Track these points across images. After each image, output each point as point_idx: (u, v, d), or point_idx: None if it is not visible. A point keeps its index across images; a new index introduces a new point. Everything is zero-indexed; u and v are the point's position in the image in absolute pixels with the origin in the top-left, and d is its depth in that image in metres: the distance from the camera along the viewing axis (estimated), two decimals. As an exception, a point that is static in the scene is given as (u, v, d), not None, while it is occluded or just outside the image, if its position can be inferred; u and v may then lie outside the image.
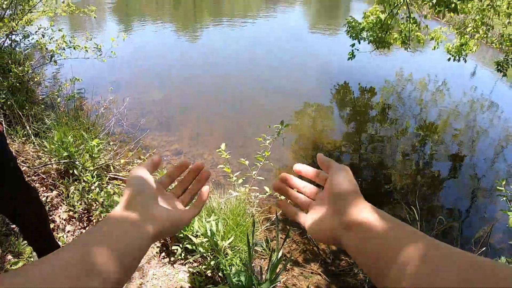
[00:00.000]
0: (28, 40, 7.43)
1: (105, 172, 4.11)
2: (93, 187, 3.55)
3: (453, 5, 5.00)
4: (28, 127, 4.59)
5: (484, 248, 3.92)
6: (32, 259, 2.70)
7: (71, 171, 3.79)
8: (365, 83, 9.85)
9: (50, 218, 3.16)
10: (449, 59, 7.71)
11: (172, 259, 3.10)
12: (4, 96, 5.17)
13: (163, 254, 3.16)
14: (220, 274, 2.86)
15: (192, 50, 12.35)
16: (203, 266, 2.94)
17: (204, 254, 2.95)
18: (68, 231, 3.24)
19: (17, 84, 5.93)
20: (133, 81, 9.23)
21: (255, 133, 4.74)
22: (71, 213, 3.39)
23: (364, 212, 0.54)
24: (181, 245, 3.07)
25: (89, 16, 7.85)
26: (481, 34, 7.28)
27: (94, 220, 3.38)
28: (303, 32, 16.15)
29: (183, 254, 3.07)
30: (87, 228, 3.35)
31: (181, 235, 3.04)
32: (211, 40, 13.86)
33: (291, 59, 11.42)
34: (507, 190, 3.93)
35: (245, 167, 3.70)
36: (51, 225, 2.99)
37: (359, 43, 7.09)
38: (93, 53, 6.63)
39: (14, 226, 2.94)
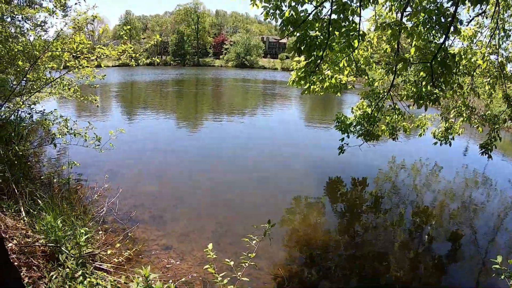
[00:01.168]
0: (32, 119, 7.73)
1: (91, 261, 3.97)
2: (76, 275, 3.41)
3: (433, 96, 5.38)
4: (21, 204, 4.54)
5: None
6: None
7: (56, 255, 3.67)
8: (358, 175, 9.98)
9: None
10: (435, 143, 7.96)
11: None
12: (1, 168, 5.21)
13: None
14: None
15: (189, 144, 12.66)
16: None
17: None
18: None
19: (15, 161, 6.02)
20: (129, 171, 9.38)
21: (247, 230, 4.71)
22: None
23: None
24: None
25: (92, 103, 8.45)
26: (464, 117, 7.66)
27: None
28: (297, 127, 16.92)
29: None
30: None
31: None
32: (209, 135, 14.30)
33: (285, 154, 11.67)
34: (503, 266, 3.87)
35: (234, 265, 3.59)
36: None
37: (348, 137, 7.33)
38: (92, 142, 6.89)
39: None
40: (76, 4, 7.04)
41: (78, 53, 6.67)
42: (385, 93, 6.56)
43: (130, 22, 73.02)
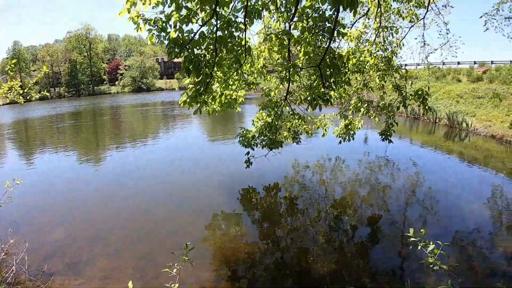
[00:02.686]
0: None
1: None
2: None
3: (326, 96, 5.71)
4: None
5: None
6: None
7: None
8: (269, 182, 10.26)
9: None
10: (340, 142, 8.47)
11: None
12: None
13: None
14: None
15: (95, 180, 11.62)
16: None
17: None
18: None
19: None
20: (34, 220, 8.43)
21: (169, 258, 4.46)
22: None
23: None
24: None
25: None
26: (363, 111, 8.27)
27: None
28: (203, 145, 16.74)
29: None
30: None
31: None
32: (114, 167, 13.21)
33: (197, 174, 11.50)
34: (418, 237, 4.31)
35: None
36: None
37: (253, 149, 7.35)
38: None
39: None
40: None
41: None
42: (282, 101, 6.83)
43: (18, 54, 66.57)
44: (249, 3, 5.40)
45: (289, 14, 6.42)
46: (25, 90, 6.84)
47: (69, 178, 11.87)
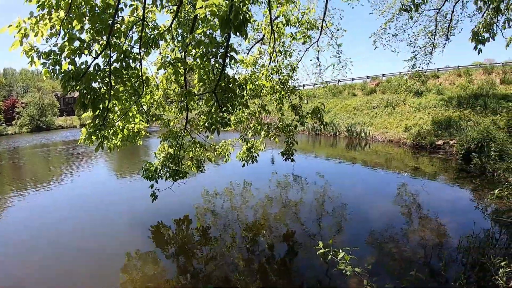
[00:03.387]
0: None
1: None
2: None
3: (223, 120, 5.76)
4: None
5: None
6: None
7: None
8: (179, 215, 9.82)
9: None
10: (244, 165, 8.61)
11: None
12: None
13: None
14: None
15: None
16: None
17: None
18: None
19: None
20: None
21: None
22: None
23: None
24: None
25: None
26: (264, 134, 8.55)
27: None
28: (109, 183, 15.50)
29: None
30: None
31: None
32: (14, 215, 11.18)
33: (104, 215, 10.47)
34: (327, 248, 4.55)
35: None
36: None
37: (157, 182, 7.16)
38: None
39: None
40: None
41: None
42: (182, 130, 6.72)
43: None
44: (144, 33, 5.27)
45: (184, 43, 6.43)
46: None
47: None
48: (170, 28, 6.37)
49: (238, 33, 4.14)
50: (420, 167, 14.81)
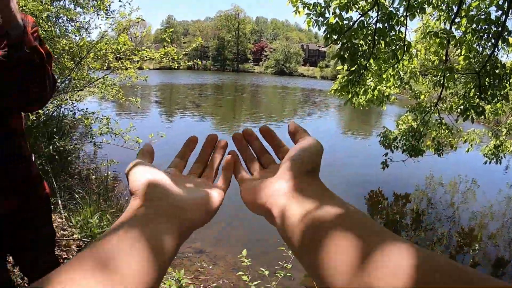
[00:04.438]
0: (74, 116, 7.85)
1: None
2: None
3: (480, 108, 5.01)
4: (58, 197, 4.63)
5: None
6: None
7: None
8: (400, 190, 9.45)
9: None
10: (485, 162, 7.42)
11: None
12: (43, 162, 5.36)
13: None
14: None
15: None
16: None
17: None
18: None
19: (55, 156, 6.16)
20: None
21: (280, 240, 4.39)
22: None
23: (314, 187, 0.42)
24: None
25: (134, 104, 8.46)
26: None
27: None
28: (336, 137, 16.31)
29: None
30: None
31: None
32: None
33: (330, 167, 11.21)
34: None
35: (269, 275, 3.42)
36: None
37: (392, 152, 6.91)
38: (132, 144, 6.94)
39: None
40: (121, 7, 7.18)
41: (121, 54, 6.78)
42: (432, 107, 6.14)
43: (172, 27, 74.07)
44: (410, -2, 4.99)
45: (450, 14, 5.79)
46: (179, 57, 7.47)
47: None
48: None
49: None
50: None
